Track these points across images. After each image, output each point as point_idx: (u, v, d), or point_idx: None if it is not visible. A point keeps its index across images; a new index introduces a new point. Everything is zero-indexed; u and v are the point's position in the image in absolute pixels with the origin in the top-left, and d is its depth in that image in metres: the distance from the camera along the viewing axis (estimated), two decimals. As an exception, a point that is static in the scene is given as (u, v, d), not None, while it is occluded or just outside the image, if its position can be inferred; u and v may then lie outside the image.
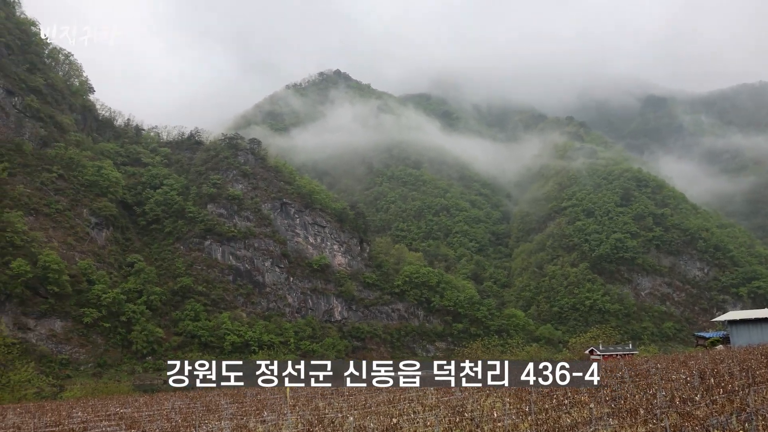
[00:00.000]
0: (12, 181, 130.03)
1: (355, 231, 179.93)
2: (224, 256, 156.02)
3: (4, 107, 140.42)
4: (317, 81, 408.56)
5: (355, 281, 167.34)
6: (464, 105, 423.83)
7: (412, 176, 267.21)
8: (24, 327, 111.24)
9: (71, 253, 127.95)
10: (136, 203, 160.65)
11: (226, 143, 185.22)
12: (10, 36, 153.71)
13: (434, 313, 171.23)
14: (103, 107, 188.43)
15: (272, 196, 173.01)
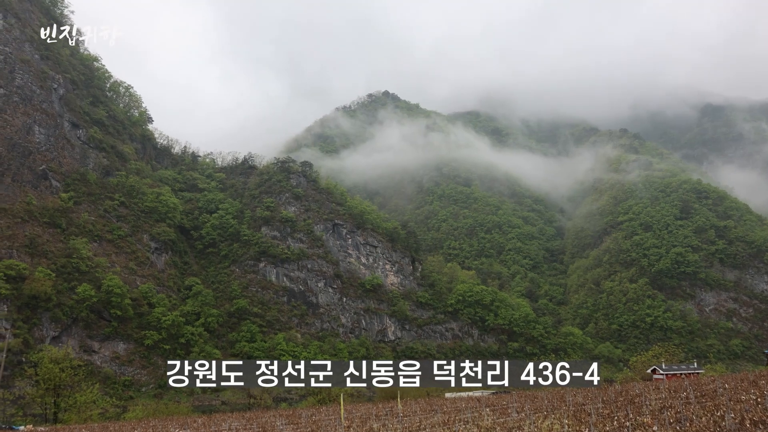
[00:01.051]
0: (77, 210, 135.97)
1: (406, 250, 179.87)
2: (278, 278, 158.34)
3: (69, 139, 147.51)
4: (366, 103, 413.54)
5: (407, 301, 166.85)
6: (513, 121, 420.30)
7: (462, 194, 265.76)
8: (89, 349, 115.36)
9: (133, 278, 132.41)
10: (194, 228, 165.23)
11: (279, 167, 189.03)
12: (75, 72, 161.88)
13: (489, 332, 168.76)
14: (161, 136, 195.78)
15: (324, 217, 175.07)
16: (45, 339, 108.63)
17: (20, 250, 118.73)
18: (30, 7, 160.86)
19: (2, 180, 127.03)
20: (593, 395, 40.12)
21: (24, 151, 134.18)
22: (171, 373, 27.04)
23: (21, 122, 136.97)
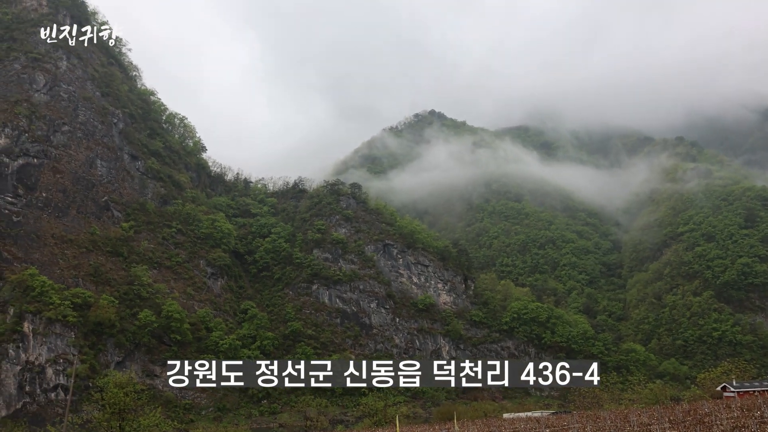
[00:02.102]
0: (137, 238, 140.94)
1: (458, 268, 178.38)
2: (331, 300, 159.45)
3: (129, 171, 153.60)
4: (413, 122, 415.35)
5: (461, 320, 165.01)
6: (562, 133, 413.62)
7: (513, 210, 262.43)
8: (151, 374, 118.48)
9: (191, 303, 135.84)
10: (247, 252, 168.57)
11: (328, 189, 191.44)
12: (133, 106, 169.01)
13: (546, 350, 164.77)
14: (214, 164, 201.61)
15: (375, 238, 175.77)
16: (110, 364, 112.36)
17: (85, 279, 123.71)
18: (91, 48, 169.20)
19: (68, 212, 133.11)
20: (659, 414, 38.59)
21: (87, 184, 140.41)
22: (171, 373, 27.19)
23: (84, 156, 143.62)
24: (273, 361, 26.96)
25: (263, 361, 26.66)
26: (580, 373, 21.08)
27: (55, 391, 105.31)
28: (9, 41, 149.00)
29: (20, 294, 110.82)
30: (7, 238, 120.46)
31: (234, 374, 26.58)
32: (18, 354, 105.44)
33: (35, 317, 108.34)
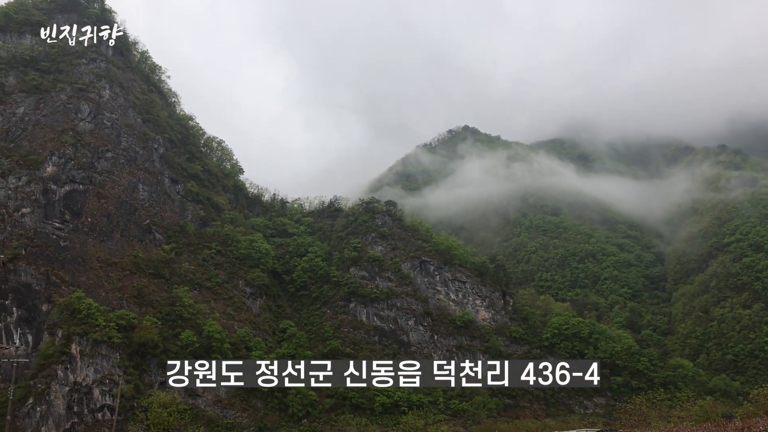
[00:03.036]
0: (178, 260, 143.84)
1: (496, 284, 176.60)
2: (369, 318, 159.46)
3: (170, 194, 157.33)
4: (446, 138, 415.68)
5: (501, 336, 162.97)
6: (599, 145, 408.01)
7: (551, 224, 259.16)
8: (194, 394, 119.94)
9: (231, 323, 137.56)
10: (285, 271, 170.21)
11: (364, 207, 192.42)
12: (172, 131, 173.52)
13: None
14: (252, 185, 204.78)
15: (411, 255, 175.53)
16: (154, 384, 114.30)
17: (129, 301, 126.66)
18: (132, 76, 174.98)
19: (112, 236, 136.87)
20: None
21: (130, 208, 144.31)
22: (171, 373, 27.25)
23: (127, 181, 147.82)
24: (273, 361, 27.10)
25: (263, 361, 26.81)
26: (580, 373, 20.71)
27: (102, 411, 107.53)
28: (55, 73, 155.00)
29: (68, 316, 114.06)
30: (55, 262, 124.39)
31: (234, 374, 26.75)
32: (66, 375, 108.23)
33: (82, 339, 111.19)
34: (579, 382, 21.09)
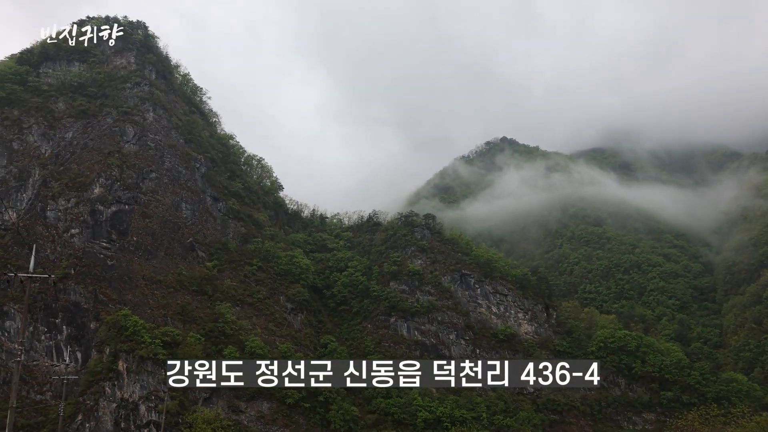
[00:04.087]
0: (221, 276, 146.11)
1: (539, 297, 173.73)
2: (410, 332, 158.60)
3: (212, 212, 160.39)
4: (484, 150, 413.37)
5: (544, 349, 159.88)
6: (640, 153, 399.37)
7: (594, 234, 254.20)
8: (237, 409, 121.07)
9: (272, 338, 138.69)
10: (326, 286, 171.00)
11: (403, 221, 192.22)
12: (213, 151, 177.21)
13: (637, 380, 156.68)
14: (291, 201, 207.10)
15: (451, 268, 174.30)
16: (198, 400, 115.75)
17: (174, 318, 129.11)
18: (174, 98, 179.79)
19: (157, 254, 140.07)
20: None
21: (174, 227, 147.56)
22: (171, 373, 27.13)
23: (170, 200, 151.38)
24: (273, 361, 27.02)
25: (263, 361, 26.71)
26: (580, 373, 20.12)
27: (148, 427, 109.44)
28: (102, 98, 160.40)
29: (115, 334, 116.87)
30: (102, 281, 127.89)
31: (234, 374, 26.69)
32: (114, 391, 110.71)
33: (128, 356, 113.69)
34: (579, 383, 20.60)
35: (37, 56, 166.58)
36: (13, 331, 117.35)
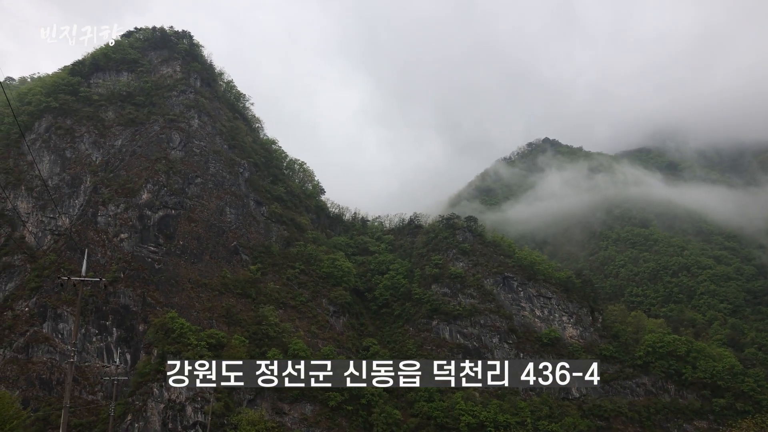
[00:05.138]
0: (264, 279, 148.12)
1: (584, 300, 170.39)
2: (452, 335, 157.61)
3: (255, 216, 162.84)
4: (526, 152, 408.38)
5: (590, 354, 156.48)
6: (687, 153, 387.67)
7: (640, 236, 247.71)
8: (280, 411, 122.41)
9: (315, 341, 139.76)
10: (367, 289, 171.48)
11: (444, 224, 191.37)
12: (256, 156, 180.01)
13: (688, 386, 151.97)
14: (333, 205, 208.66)
15: (493, 270, 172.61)
16: (242, 402, 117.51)
17: (219, 320, 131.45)
18: (218, 105, 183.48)
19: (202, 258, 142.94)
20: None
21: (218, 231, 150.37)
22: (171, 373, 27.21)
23: (215, 205, 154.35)
24: (273, 361, 27.01)
25: (263, 361, 26.75)
26: (580, 373, 19.50)
27: (194, 428, 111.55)
28: (149, 106, 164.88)
29: (162, 336, 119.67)
30: (150, 284, 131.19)
31: (234, 374, 26.76)
32: (161, 392, 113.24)
33: (176, 357, 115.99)
34: (579, 383, 20.12)
35: (88, 67, 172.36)
36: (66, 333, 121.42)
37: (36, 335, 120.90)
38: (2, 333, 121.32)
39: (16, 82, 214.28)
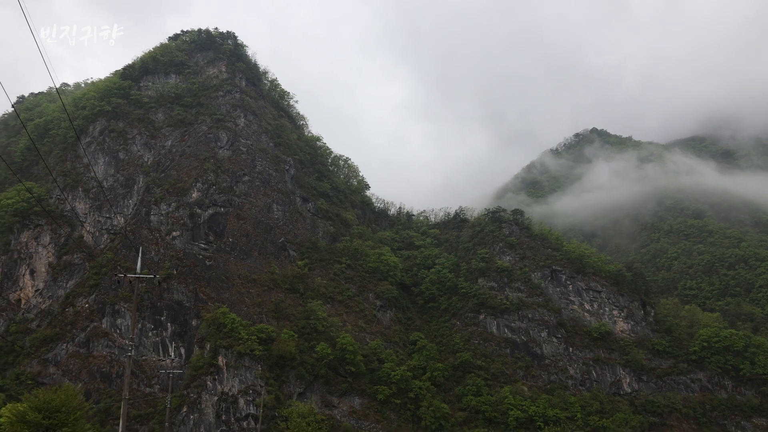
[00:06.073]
0: (311, 275, 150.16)
1: (635, 293, 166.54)
2: (499, 329, 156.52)
3: (301, 213, 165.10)
4: (573, 143, 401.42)
5: (642, 349, 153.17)
6: (743, 141, 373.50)
7: (694, 227, 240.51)
8: (330, 404, 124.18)
9: (362, 335, 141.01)
10: (413, 284, 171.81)
11: (490, 217, 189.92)
12: (302, 153, 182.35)
13: (746, 383, 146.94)
14: (378, 200, 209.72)
15: (541, 264, 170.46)
16: (292, 395, 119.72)
17: (268, 315, 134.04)
18: (264, 104, 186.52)
19: (251, 254, 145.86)
20: None
21: (266, 227, 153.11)
22: None
23: (262, 202, 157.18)
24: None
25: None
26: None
27: (247, 420, 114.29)
28: (197, 107, 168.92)
29: (215, 330, 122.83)
30: (202, 280, 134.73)
31: None
32: (215, 385, 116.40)
33: (227, 351, 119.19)
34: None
35: (137, 71, 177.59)
36: (124, 328, 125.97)
37: (96, 330, 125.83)
38: (65, 328, 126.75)
39: (71, 88, 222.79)
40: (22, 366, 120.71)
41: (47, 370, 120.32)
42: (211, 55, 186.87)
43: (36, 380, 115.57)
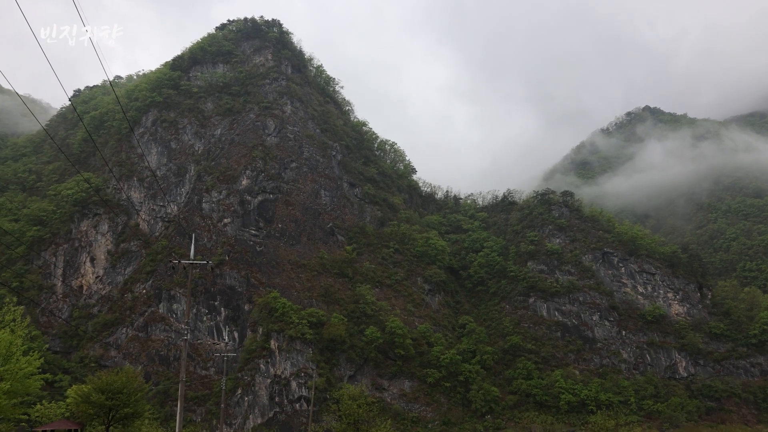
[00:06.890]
0: (360, 260, 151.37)
1: (691, 276, 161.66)
2: (549, 312, 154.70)
3: (349, 198, 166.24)
4: (624, 122, 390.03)
5: (699, 332, 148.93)
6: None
7: (754, 207, 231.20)
8: (380, 387, 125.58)
9: (411, 319, 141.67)
10: (462, 267, 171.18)
11: (539, 199, 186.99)
12: (348, 138, 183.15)
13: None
14: (425, 184, 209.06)
15: (592, 246, 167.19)
16: (343, 378, 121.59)
17: (318, 299, 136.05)
18: (310, 91, 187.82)
19: (300, 240, 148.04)
20: None
21: (314, 213, 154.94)
22: None
23: (310, 188, 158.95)
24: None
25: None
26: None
27: (299, 402, 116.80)
28: (245, 95, 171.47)
29: (266, 315, 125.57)
30: (253, 266, 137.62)
31: None
32: (268, 368, 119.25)
33: (279, 335, 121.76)
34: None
35: (186, 61, 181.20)
36: (179, 312, 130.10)
37: (153, 315, 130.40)
38: (124, 313, 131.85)
39: (124, 80, 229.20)
40: (85, 349, 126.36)
41: (109, 353, 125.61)
42: (257, 43, 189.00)
43: (99, 363, 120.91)
